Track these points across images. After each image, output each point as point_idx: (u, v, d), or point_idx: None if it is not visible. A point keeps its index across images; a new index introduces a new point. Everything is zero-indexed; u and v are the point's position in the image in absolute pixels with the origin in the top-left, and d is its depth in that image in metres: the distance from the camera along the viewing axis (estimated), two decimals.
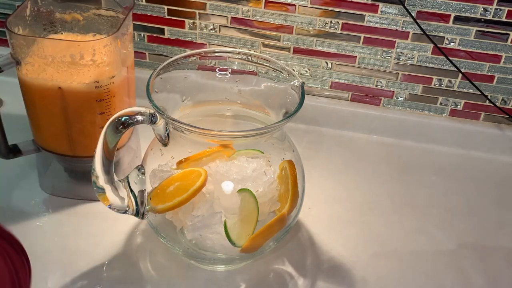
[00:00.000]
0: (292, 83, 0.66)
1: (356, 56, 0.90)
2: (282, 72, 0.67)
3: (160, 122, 0.61)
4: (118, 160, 0.77)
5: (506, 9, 0.81)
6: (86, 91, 0.67)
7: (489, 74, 0.88)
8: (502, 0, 0.81)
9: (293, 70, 0.87)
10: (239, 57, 0.69)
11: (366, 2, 0.84)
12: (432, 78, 0.90)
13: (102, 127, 0.58)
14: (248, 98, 0.70)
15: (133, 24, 0.73)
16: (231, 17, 0.89)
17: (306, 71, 0.93)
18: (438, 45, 0.85)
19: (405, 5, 0.83)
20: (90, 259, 0.69)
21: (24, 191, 0.78)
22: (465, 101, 0.91)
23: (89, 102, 0.68)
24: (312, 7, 0.86)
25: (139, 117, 0.59)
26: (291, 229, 0.69)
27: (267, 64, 0.68)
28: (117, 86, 0.69)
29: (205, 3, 0.88)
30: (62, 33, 0.74)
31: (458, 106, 0.92)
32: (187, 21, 0.91)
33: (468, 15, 0.83)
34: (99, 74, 0.67)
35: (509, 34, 0.83)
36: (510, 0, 0.81)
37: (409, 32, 0.86)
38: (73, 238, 0.71)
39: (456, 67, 0.86)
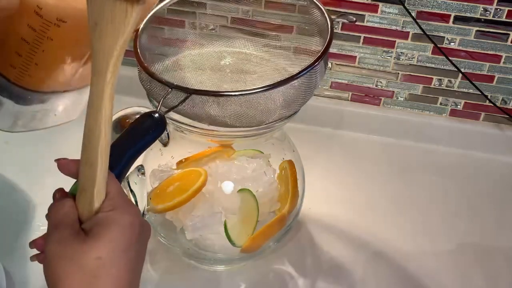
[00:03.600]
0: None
1: (356, 56, 0.90)
2: None
3: None
4: None
5: (506, 9, 0.81)
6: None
7: (489, 74, 0.88)
8: (502, 0, 0.81)
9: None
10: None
11: (366, 2, 0.84)
12: (432, 78, 0.90)
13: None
14: None
15: None
16: (231, 17, 0.89)
17: None
18: (438, 45, 0.85)
19: (405, 5, 0.82)
20: None
21: None
22: (465, 101, 0.91)
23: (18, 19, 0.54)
24: None
25: None
26: (291, 229, 0.69)
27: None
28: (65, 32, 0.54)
29: (205, 3, 0.88)
30: None
31: (458, 106, 0.92)
32: (187, 21, 0.91)
33: (468, 15, 0.83)
34: None
35: (509, 34, 0.83)
36: (510, 0, 0.81)
37: (409, 32, 0.86)
38: None
39: (456, 67, 0.86)
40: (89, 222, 0.42)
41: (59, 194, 0.45)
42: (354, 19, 0.63)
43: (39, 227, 0.73)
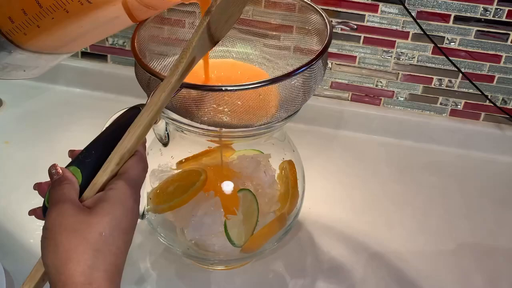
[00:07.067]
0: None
1: (356, 56, 0.90)
2: None
3: (160, 122, 0.61)
4: None
5: (506, 9, 0.81)
6: None
7: (489, 74, 0.88)
8: (502, 0, 0.81)
9: None
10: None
11: (366, 2, 0.84)
12: (432, 78, 0.90)
13: None
14: None
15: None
16: None
17: None
18: (438, 45, 0.85)
19: (405, 5, 0.82)
20: None
21: None
22: (465, 101, 0.91)
23: None
24: None
25: None
26: (291, 229, 0.69)
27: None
28: None
29: None
30: None
31: (458, 106, 0.92)
32: (187, 21, 0.91)
33: (468, 15, 0.83)
34: None
35: (509, 34, 0.83)
36: (510, 0, 0.81)
37: (409, 32, 0.86)
38: None
39: (456, 67, 0.86)
40: (93, 198, 0.43)
41: (55, 170, 0.46)
42: (355, 26, 0.63)
43: (39, 227, 0.72)
